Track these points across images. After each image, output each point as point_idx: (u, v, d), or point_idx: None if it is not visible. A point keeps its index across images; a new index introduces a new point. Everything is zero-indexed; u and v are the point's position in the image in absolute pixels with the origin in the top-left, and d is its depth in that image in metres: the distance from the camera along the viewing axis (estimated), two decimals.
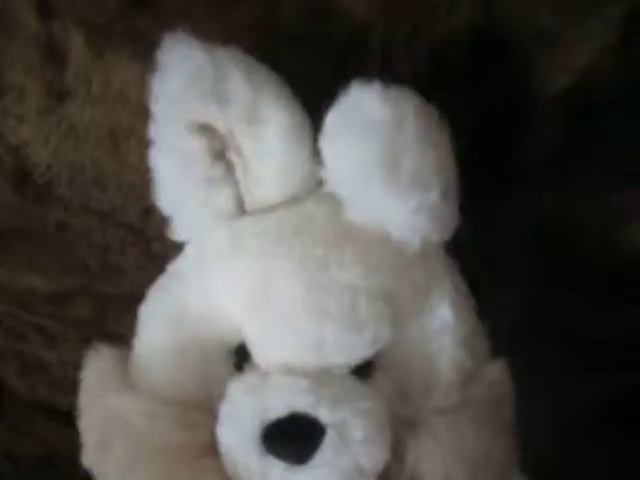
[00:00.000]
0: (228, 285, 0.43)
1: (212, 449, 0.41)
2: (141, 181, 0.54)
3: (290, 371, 0.41)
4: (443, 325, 0.44)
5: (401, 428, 0.42)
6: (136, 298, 0.48)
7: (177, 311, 0.45)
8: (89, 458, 0.43)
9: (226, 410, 0.41)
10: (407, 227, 0.42)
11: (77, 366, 0.60)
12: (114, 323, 0.59)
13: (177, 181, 0.44)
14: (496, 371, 0.45)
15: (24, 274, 0.57)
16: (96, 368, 0.45)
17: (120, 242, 0.56)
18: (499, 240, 0.53)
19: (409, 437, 0.42)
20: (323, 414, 0.39)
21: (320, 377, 0.41)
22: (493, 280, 0.52)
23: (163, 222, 0.57)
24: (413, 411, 0.43)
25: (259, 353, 0.42)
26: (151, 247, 0.56)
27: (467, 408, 0.43)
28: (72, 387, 0.61)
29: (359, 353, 0.42)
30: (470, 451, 0.42)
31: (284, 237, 0.43)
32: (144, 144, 0.53)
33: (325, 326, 0.41)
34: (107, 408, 0.43)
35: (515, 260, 0.55)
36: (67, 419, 0.60)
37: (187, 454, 0.41)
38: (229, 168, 0.44)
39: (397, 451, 0.42)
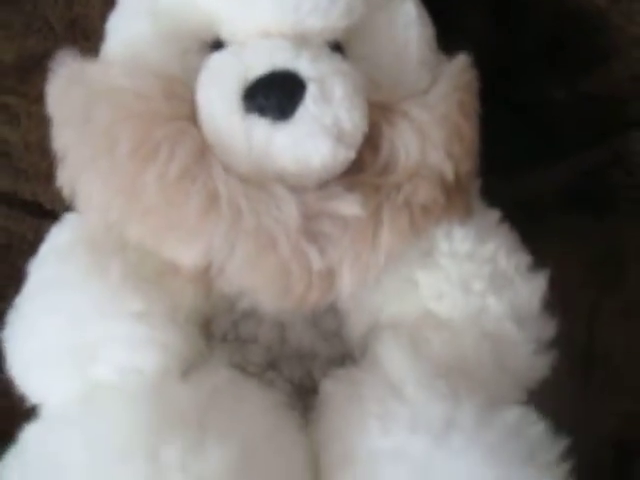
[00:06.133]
0: None
1: (192, 119, 0.41)
2: None
3: (268, 36, 0.42)
4: (409, 19, 0.46)
5: (374, 114, 0.42)
6: None
7: (149, 5, 0.45)
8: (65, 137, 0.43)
9: (206, 72, 0.42)
10: None
11: (41, 149, 0.58)
12: None
13: None
14: (460, 62, 0.45)
15: None
16: (62, 74, 0.44)
17: None
18: None
19: (382, 122, 0.42)
20: (303, 67, 0.40)
21: (299, 40, 0.42)
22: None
23: None
24: (385, 99, 0.43)
25: (235, 25, 0.43)
26: None
27: (436, 89, 0.44)
28: (35, 174, 0.60)
29: (334, 18, 0.43)
30: (442, 125, 0.43)
31: None
32: None
33: None
34: (85, 80, 0.43)
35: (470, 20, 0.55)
36: (30, 209, 0.59)
37: (167, 119, 0.41)
38: None
39: (371, 139, 0.42)
